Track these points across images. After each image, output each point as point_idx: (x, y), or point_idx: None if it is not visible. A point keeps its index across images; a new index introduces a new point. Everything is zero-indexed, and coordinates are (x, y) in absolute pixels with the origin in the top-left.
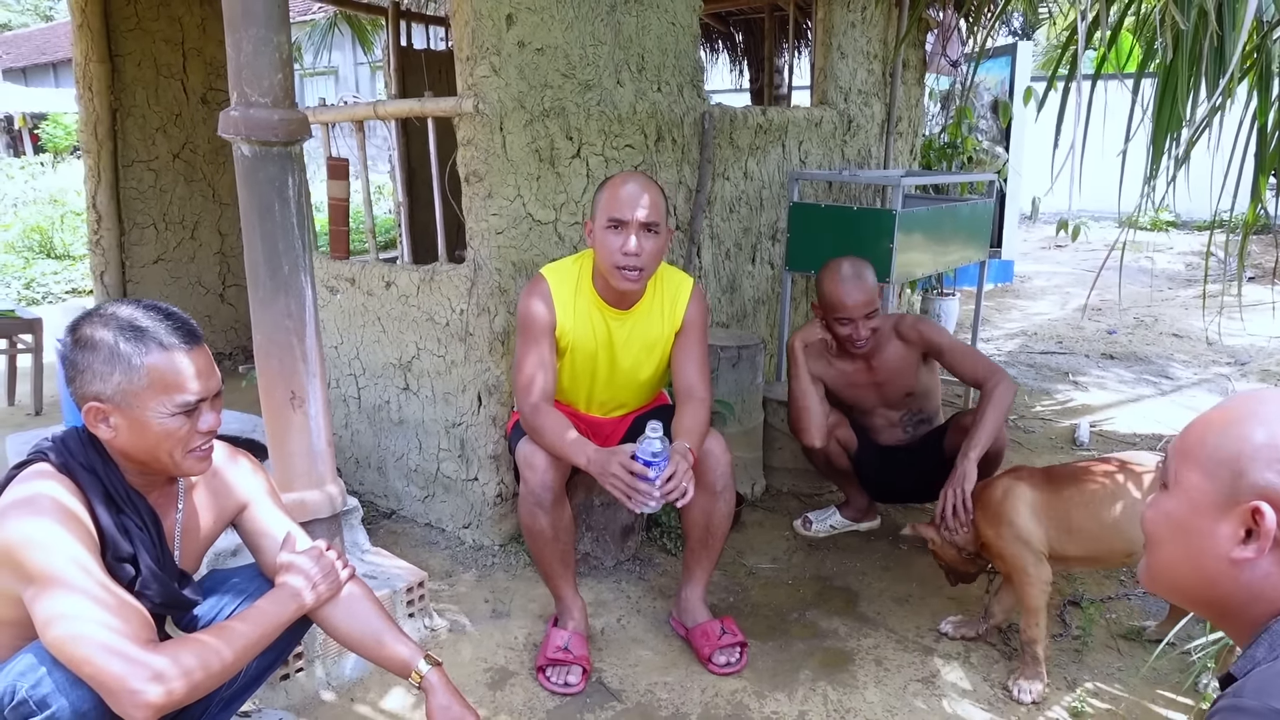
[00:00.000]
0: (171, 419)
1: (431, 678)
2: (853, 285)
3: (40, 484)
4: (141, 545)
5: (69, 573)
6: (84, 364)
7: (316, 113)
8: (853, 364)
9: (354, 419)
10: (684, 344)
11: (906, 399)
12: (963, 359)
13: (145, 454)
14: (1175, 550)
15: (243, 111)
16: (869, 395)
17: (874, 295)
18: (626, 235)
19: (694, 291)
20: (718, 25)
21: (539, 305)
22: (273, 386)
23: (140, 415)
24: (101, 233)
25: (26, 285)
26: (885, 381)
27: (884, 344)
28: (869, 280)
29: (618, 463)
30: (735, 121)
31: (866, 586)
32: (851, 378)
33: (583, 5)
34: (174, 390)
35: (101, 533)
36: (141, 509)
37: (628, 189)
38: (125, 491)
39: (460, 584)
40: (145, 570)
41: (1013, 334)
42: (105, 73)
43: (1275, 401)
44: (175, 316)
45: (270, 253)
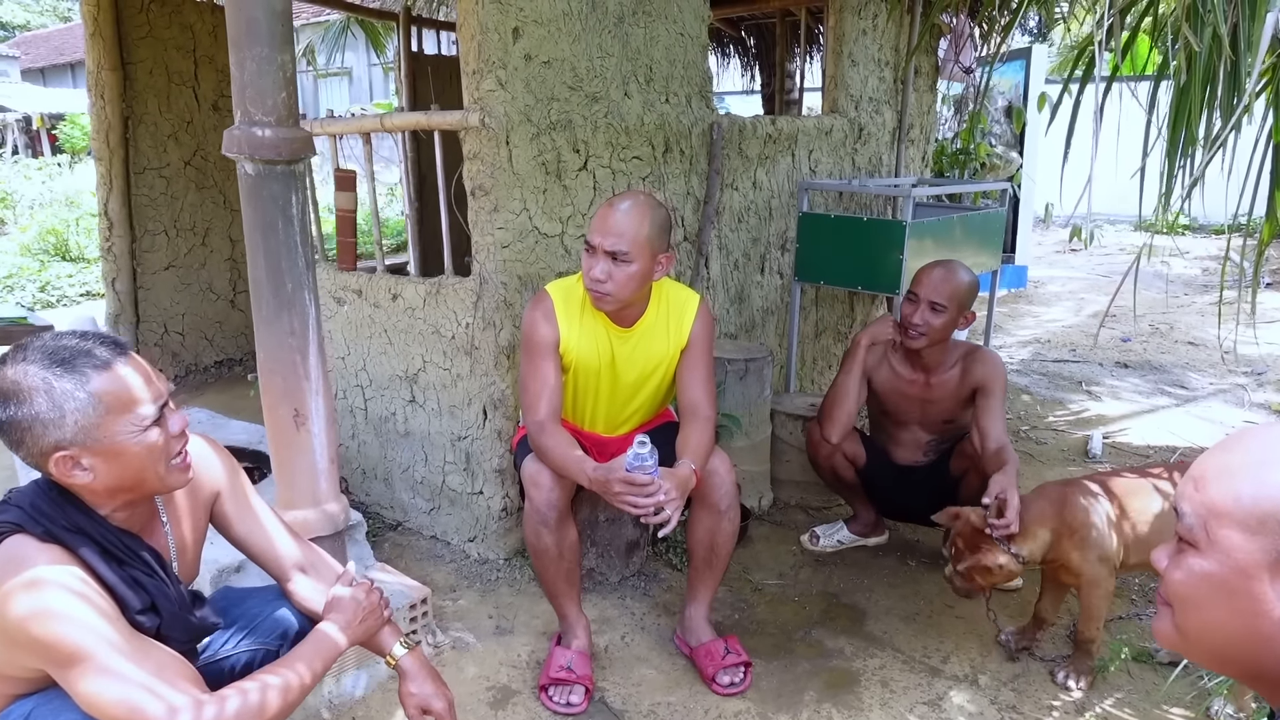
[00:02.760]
0: (145, 434)
1: (405, 662)
2: (938, 271)
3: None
4: (156, 592)
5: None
6: (25, 419)
7: (324, 124)
8: (912, 371)
9: (361, 430)
10: (689, 361)
11: (944, 425)
12: (995, 415)
13: (132, 482)
14: (1218, 614)
15: (246, 130)
16: (913, 409)
17: (950, 295)
18: (594, 260)
19: (700, 308)
20: (729, 30)
21: (542, 322)
22: (276, 404)
23: (113, 445)
24: (113, 239)
25: (41, 289)
26: (935, 401)
27: (948, 363)
28: (957, 280)
29: (618, 477)
30: (744, 131)
31: (874, 604)
32: (904, 385)
33: (590, 18)
34: (133, 405)
35: (112, 592)
36: (141, 552)
37: (607, 215)
38: (119, 541)
39: (465, 599)
40: (166, 615)
41: (1026, 341)
42: (117, 80)
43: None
44: (91, 335)
45: (273, 270)
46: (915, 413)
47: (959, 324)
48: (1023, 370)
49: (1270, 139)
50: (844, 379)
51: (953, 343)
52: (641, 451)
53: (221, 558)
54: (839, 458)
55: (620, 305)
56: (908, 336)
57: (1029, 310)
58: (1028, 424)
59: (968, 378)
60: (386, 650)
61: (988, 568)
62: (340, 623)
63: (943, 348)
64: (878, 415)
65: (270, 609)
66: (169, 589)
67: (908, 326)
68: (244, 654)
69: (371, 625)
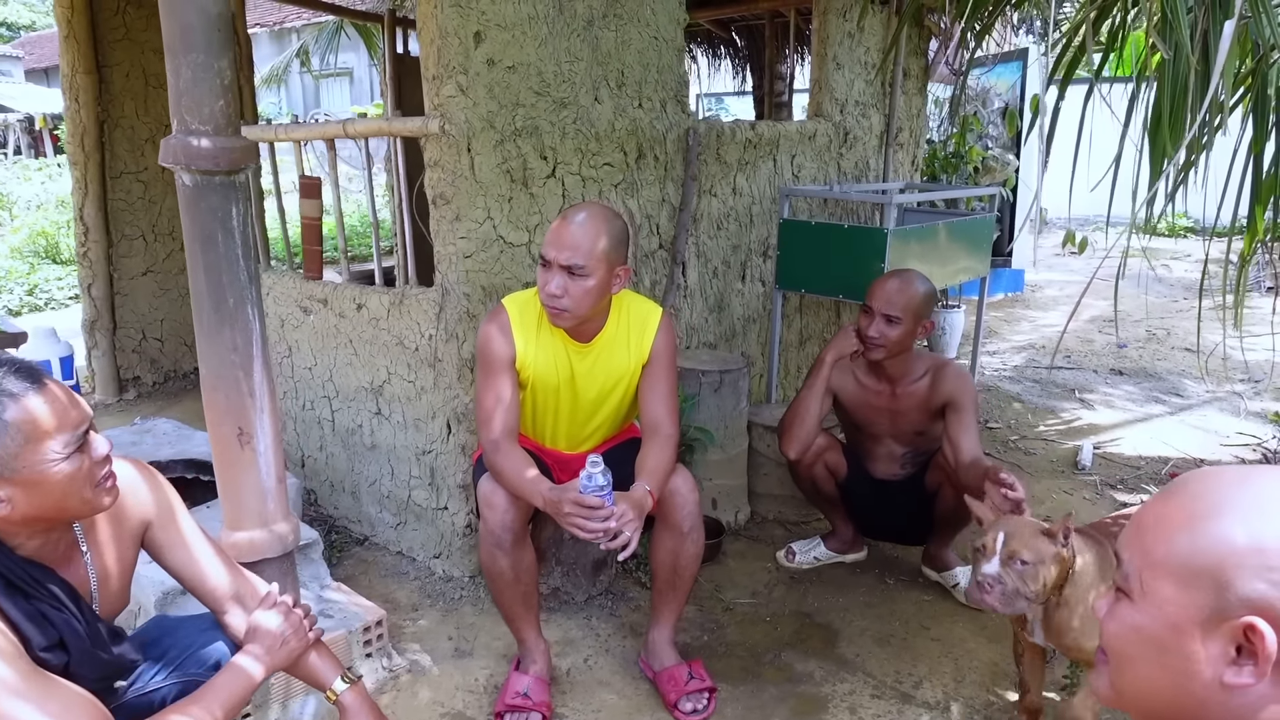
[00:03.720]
0: (66, 462)
1: (346, 697)
2: (892, 283)
3: None
4: (63, 627)
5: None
6: None
7: (288, 130)
8: (877, 382)
9: (329, 442)
10: (651, 377)
11: (916, 437)
12: (967, 429)
13: (53, 510)
14: (1151, 670)
15: (182, 140)
16: (882, 421)
17: (905, 306)
18: (549, 275)
19: (662, 322)
20: (720, 31)
21: (498, 337)
22: (219, 421)
23: (31, 475)
24: (89, 244)
25: (30, 291)
26: (902, 412)
27: (913, 374)
28: (911, 291)
29: (570, 499)
30: (722, 137)
31: (848, 624)
32: (871, 397)
33: (557, 21)
34: (53, 433)
35: (15, 628)
36: (50, 584)
37: (562, 228)
38: (26, 573)
39: (425, 618)
40: (75, 652)
41: (1020, 347)
42: (92, 84)
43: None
44: (5, 361)
45: (214, 285)
46: (885, 424)
47: (917, 334)
48: (1015, 377)
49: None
50: (805, 395)
51: (918, 354)
52: (594, 472)
53: (167, 580)
54: (819, 468)
55: (577, 321)
56: (865, 349)
57: (1025, 315)
58: (1017, 433)
59: (936, 392)
60: (326, 684)
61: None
62: (256, 652)
63: (906, 359)
64: (850, 429)
65: (203, 639)
66: (79, 624)
67: (864, 339)
68: (174, 686)
69: (294, 648)
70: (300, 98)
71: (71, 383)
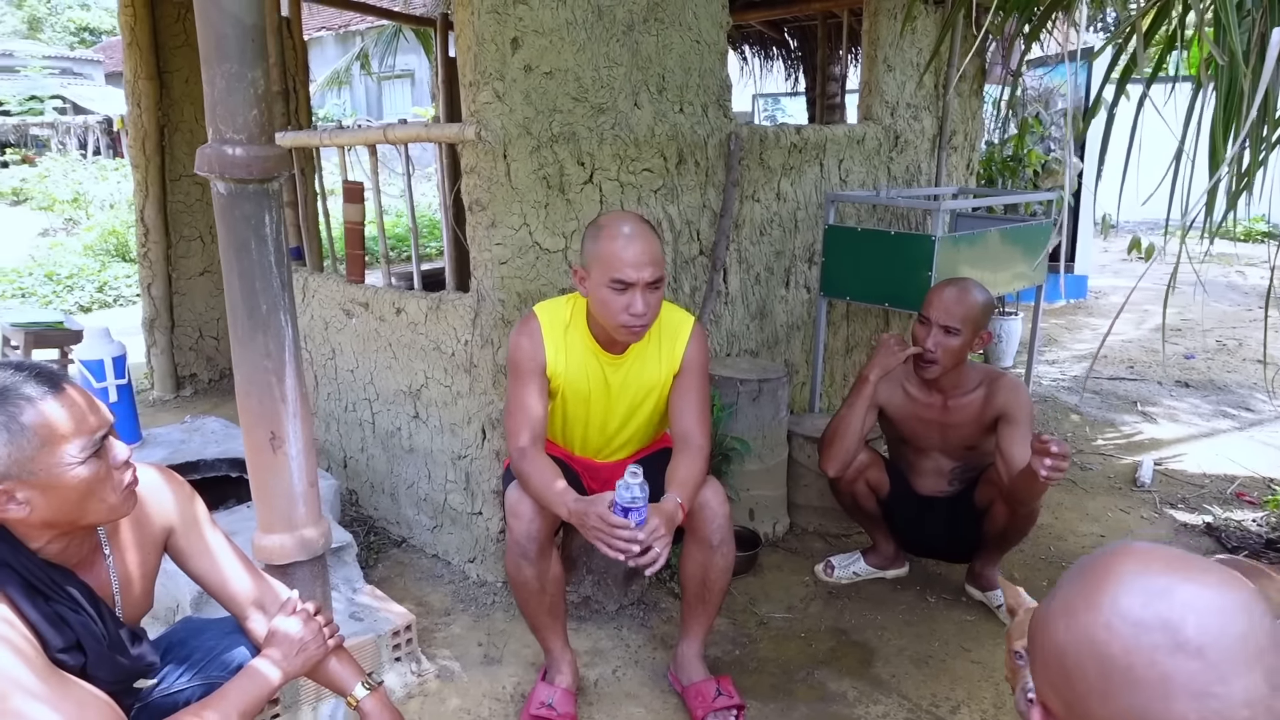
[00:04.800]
0: (83, 466)
1: (367, 703)
2: (949, 292)
3: None
4: (81, 629)
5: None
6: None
7: (332, 135)
8: (928, 395)
9: (369, 443)
10: (682, 387)
11: (966, 452)
12: (1021, 442)
13: (72, 513)
14: None
15: (217, 149)
16: (932, 434)
17: (963, 317)
18: (632, 296)
19: (694, 332)
20: (772, 33)
21: (529, 345)
22: (253, 426)
23: (49, 478)
24: (149, 245)
25: (100, 289)
26: (954, 425)
27: (967, 386)
28: (968, 300)
29: (595, 513)
30: (765, 141)
31: (885, 643)
32: (921, 410)
33: (596, 27)
34: (70, 437)
35: (34, 629)
36: (70, 587)
37: (633, 250)
38: (46, 575)
39: (457, 623)
40: (92, 654)
41: (1081, 356)
42: (153, 89)
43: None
44: (27, 365)
45: (248, 291)
46: (935, 438)
47: (974, 346)
48: (1074, 387)
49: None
50: (847, 412)
51: (971, 366)
52: (632, 483)
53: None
54: (860, 485)
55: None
56: (922, 362)
57: (1088, 322)
58: (1074, 447)
59: (990, 405)
60: (347, 690)
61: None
62: (275, 657)
63: (960, 370)
64: (896, 443)
65: (226, 643)
66: (96, 626)
67: (920, 353)
68: (198, 688)
69: (313, 654)
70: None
71: (122, 381)
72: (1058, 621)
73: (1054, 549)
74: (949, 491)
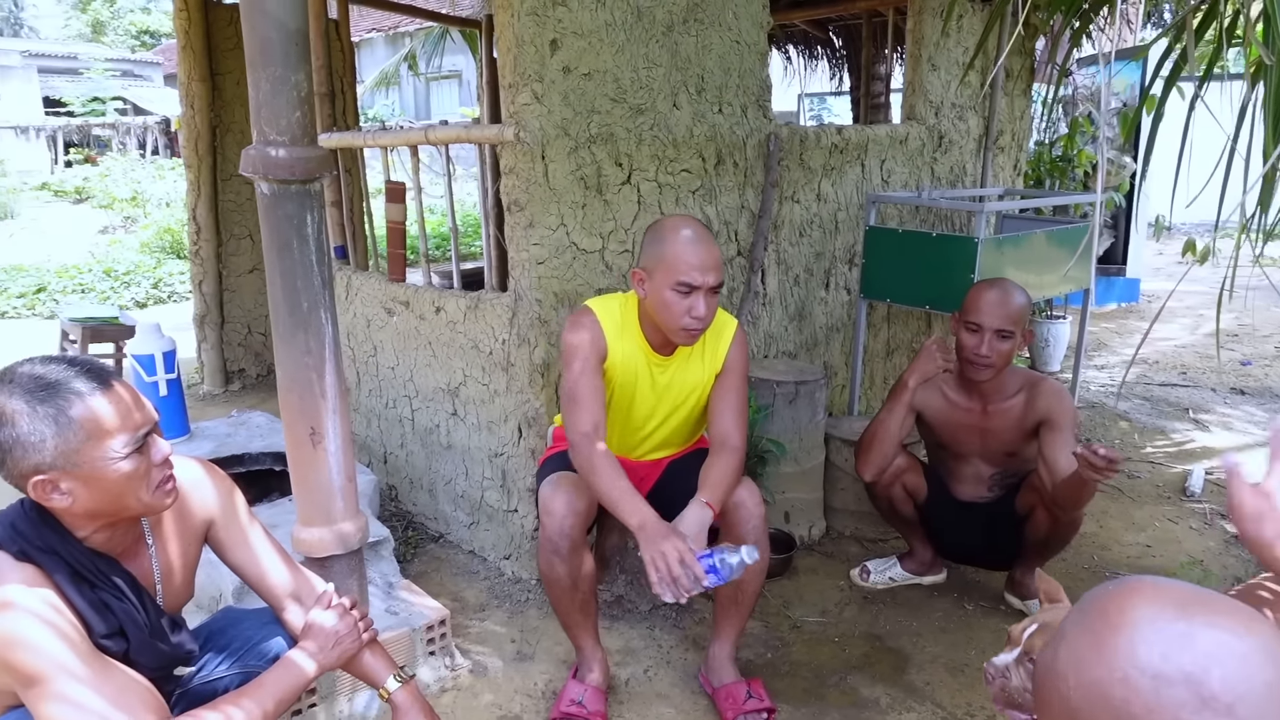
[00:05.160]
0: (124, 461)
1: (398, 696)
2: (997, 297)
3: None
4: (124, 616)
5: (58, 670)
6: (7, 441)
7: (374, 136)
8: (968, 400)
9: (409, 440)
10: (722, 389)
11: (1007, 458)
12: (1063, 447)
13: (111, 506)
14: None
15: (261, 150)
16: (972, 440)
17: (1016, 319)
18: (696, 299)
19: (736, 334)
20: (816, 32)
21: (591, 334)
22: (294, 421)
23: (92, 470)
24: (200, 243)
25: (155, 285)
26: (995, 430)
27: (1007, 391)
28: (1015, 302)
29: (675, 546)
30: (806, 142)
31: (920, 650)
32: (960, 415)
33: (635, 28)
34: (115, 432)
35: (80, 615)
36: (114, 575)
37: (699, 255)
38: (92, 563)
39: (491, 619)
40: (134, 640)
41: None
42: (206, 91)
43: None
44: (79, 361)
45: (289, 289)
46: (974, 444)
47: (1020, 346)
48: (1124, 394)
49: None
50: (885, 417)
51: (1012, 370)
52: (738, 559)
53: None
54: (897, 489)
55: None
56: (973, 368)
57: (1139, 327)
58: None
59: (1031, 410)
60: (379, 683)
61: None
62: (311, 649)
63: (1001, 375)
64: (935, 448)
65: (263, 633)
66: (139, 614)
67: (974, 360)
68: (235, 676)
69: (347, 649)
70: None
71: (172, 376)
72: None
73: (1097, 558)
74: (988, 497)
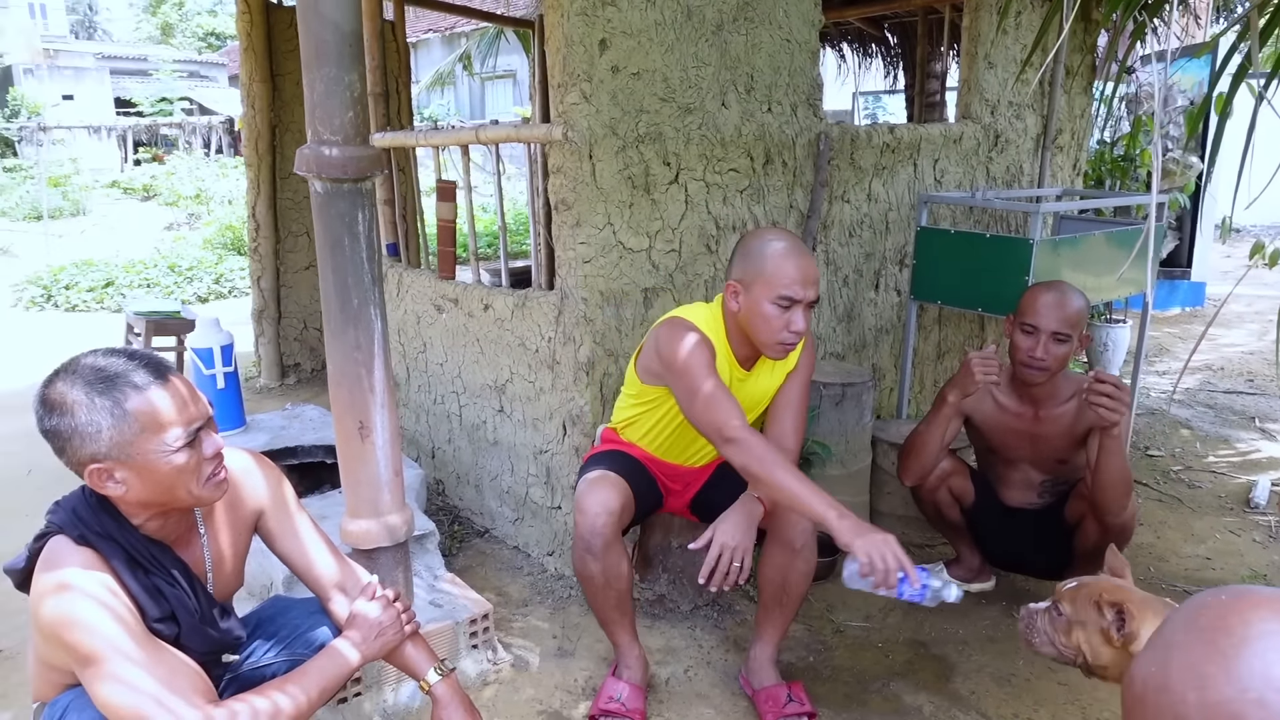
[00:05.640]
0: (176, 454)
1: (438, 689)
2: (1054, 299)
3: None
4: (175, 602)
5: (112, 651)
6: (67, 429)
7: (426, 135)
8: (1019, 404)
9: (456, 435)
10: (786, 392)
11: (1058, 465)
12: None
13: (163, 496)
14: None
15: (315, 150)
16: (1022, 446)
17: (1074, 322)
18: (795, 313)
19: (806, 343)
20: (871, 29)
21: (699, 338)
22: (343, 415)
23: (144, 461)
24: (259, 240)
25: (216, 280)
26: (1045, 437)
27: (1061, 396)
28: (1074, 306)
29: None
30: (857, 141)
31: (965, 659)
32: (1011, 420)
33: (685, 27)
34: (168, 426)
35: (134, 598)
36: (167, 562)
37: (802, 264)
38: (146, 550)
39: (534, 615)
40: (185, 625)
41: (1195, 368)
42: (266, 92)
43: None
44: (139, 355)
45: (340, 286)
46: (1025, 450)
47: (1076, 351)
48: (1186, 401)
49: None
50: (925, 430)
51: (1065, 376)
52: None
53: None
54: (943, 493)
55: None
56: (1027, 371)
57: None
58: (1181, 463)
59: (1083, 416)
60: (420, 674)
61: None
62: (355, 639)
63: (1054, 379)
64: (984, 453)
65: (310, 622)
66: (190, 600)
67: (1028, 363)
68: (283, 663)
69: (390, 640)
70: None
71: (229, 369)
72: (1184, 694)
73: (1154, 569)
74: (1037, 504)
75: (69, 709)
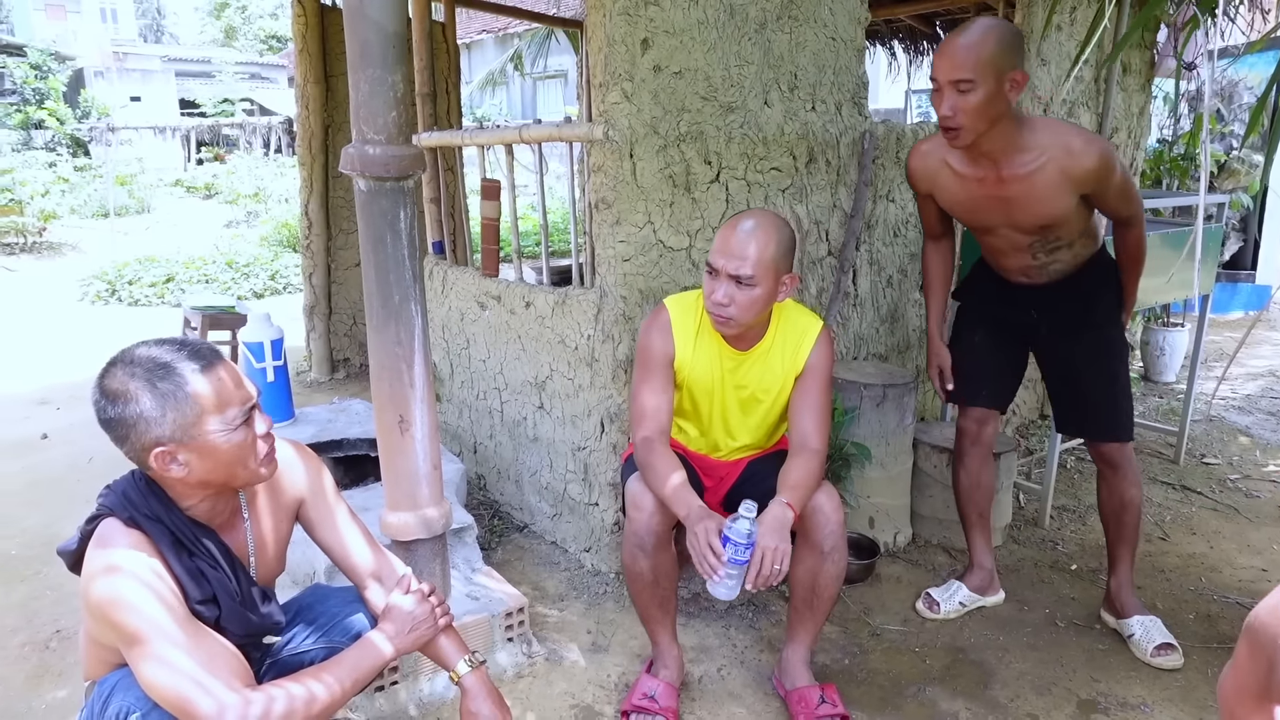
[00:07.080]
0: (235, 433)
1: (468, 680)
2: (948, 44)
3: (116, 544)
4: (217, 584)
5: (156, 632)
6: (131, 417)
7: (471, 135)
8: (977, 168)
9: (497, 431)
10: (803, 390)
11: (1041, 230)
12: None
13: (224, 475)
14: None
15: (359, 148)
16: (993, 211)
17: (978, 61)
18: (716, 283)
19: (820, 336)
20: (923, 26)
21: (659, 336)
22: (384, 409)
23: (206, 442)
24: (312, 238)
25: (272, 276)
26: (1015, 199)
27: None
28: (975, 47)
29: (705, 528)
30: (902, 140)
31: (1005, 666)
32: (973, 187)
33: (728, 26)
34: (224, 406)
35: (178, 580)
36: (211, 545)
37: (729, 236)
38: (192, 533)
39: (570, 610)
40: (225, 608)
41: (1257, 374)
42: (320, 93)
43: None
44: (187, 343)
45: (382, 282)
46: (996, 214)
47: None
48: (1246, 407)
49: None
50: None
51: (1028, 120)
52: (743, 519)
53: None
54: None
55: (742, 329)
56: (946, 136)
57: (1267, 336)
58: (1239, 472)
59: (1067, 175)
60: (450, 666)
61: None
62: (389, 631)
63: (1003, 130)
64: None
65: (347, 610)
66: (231, 583)
67: (942, 125)
68: (321, 650)
69: (423, 634)
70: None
71: (279, 363)
72: None
73: (1205, 580)
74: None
75: (116, 687)
